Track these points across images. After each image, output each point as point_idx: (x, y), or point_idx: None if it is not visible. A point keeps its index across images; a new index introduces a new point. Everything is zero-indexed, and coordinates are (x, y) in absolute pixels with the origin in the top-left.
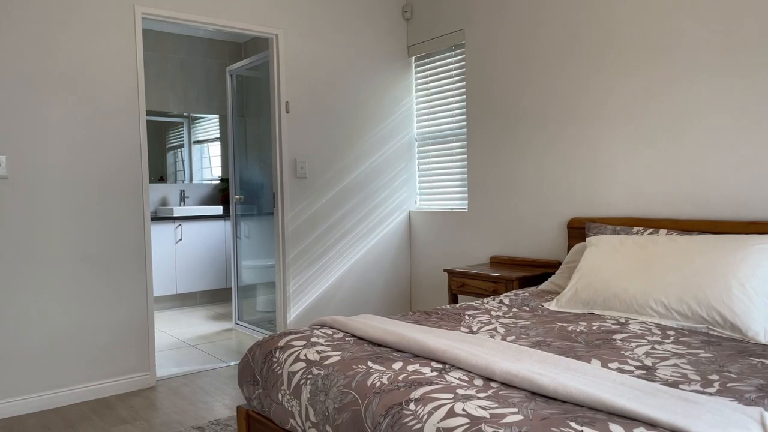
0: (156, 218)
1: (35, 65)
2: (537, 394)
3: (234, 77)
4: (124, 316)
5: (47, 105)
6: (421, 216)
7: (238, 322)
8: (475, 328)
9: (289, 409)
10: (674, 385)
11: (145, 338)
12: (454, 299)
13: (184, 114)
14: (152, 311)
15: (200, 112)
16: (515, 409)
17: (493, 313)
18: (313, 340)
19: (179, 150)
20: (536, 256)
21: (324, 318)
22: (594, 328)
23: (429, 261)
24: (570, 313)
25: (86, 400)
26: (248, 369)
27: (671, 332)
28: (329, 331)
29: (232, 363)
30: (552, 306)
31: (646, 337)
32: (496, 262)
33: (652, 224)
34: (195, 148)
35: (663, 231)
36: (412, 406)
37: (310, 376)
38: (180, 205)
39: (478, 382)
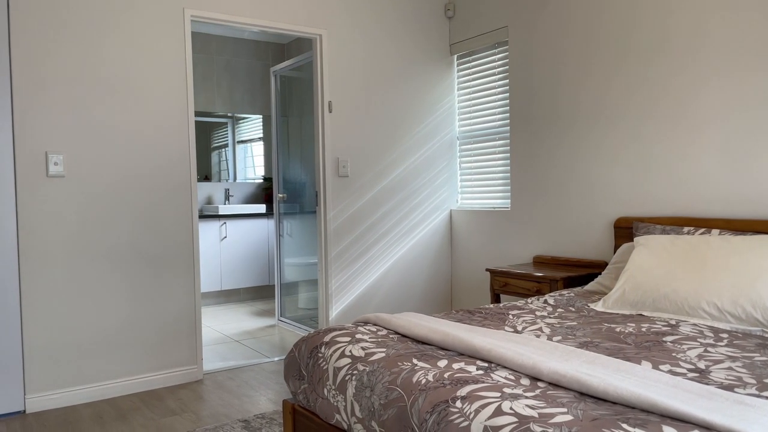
0: (202, 216)
1: (90, 67)
2: (586, 394)
3: (278, 77)
4: (173, 311)
5: (101, 106)
6: (463, 215)
7: (281, 318)
8: (519, 328)
9: (335, 404)
10: (729, 388)
11: (192, 333)
12: (496, 299)
13: (229, 114)
14: (200, 307)
15: (244, 112)
16: (564, 410)
17: (537, 313)
18: (358, 336)
19: (224, 150)
20: (581, 256)
21: (367, 315)
22: (643, 329)
23: (470, 260)
24: (617, 314)
25: (137, 391)
26: (294, 364)
27: (724, 335)
28: (373, 328)
29: (276, 358)
30: (599, 307)
31: (699, 340)
32: (540, 262)
33: (704, 224)
34: (239, 147)
35: (715, 231)
36: (458, 403)
37: (355, 371)
38: (225, 204)
39: (525, 381)
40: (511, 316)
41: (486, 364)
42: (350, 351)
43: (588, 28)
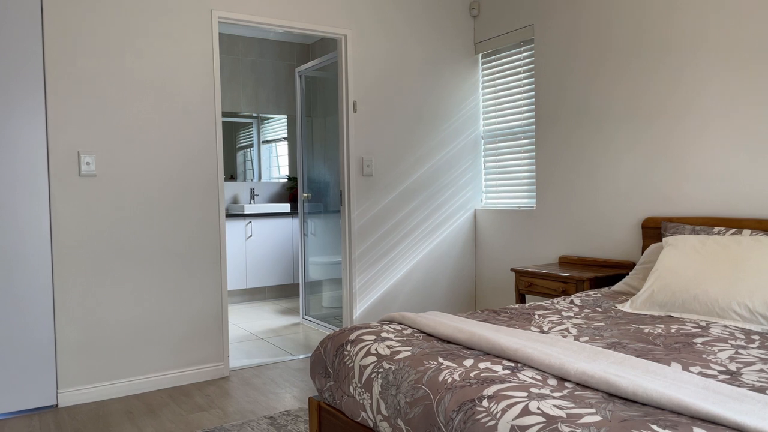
0: (228, 215)
1: (120, 69)
2: (614, 395)
3: (303, 78)
4: (200, 308)
5: (131, 106)
6: (487, 214)
7: (306, 316)
8: (546, 328)
9: (361, 401)
10: (761, 390)
11: (219, 330)
12: (521, 299)
13: (254, 114)
14: (226, 304)
15: (269, 112)
16: (593, 410)
17: (564, 313)
18: (383, 335)
19: (248, 149)
20: (608, 257)
21: (392, 314)
22: (672, 331)
23: (495, 260)
24: (646, 315)
25: (165, 387)
26: (320, 361)
27: (756, 336)
28: (398, 327)
29: (301, 356)
30: (626, 307)
31: (729, 342)
32: (566, 262)
33: (735, 224)
34: (263, 147)
35: (746, 231)
36: (485, 402)
37: (381, 370)
38: (250, 203)
39: (552, 381)
40: (536, 317)
41: (512, 364)
42: (376, 349)
43: (616, 25)
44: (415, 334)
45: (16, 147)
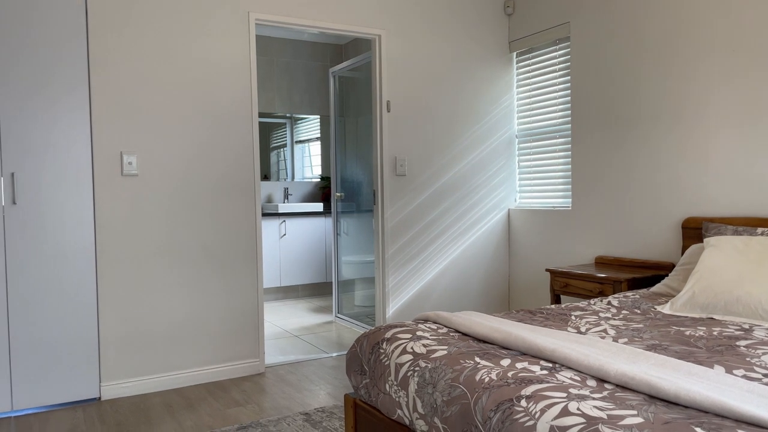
0: (262, 214)
1: (160, 71)
2: (655, 397)
3: (336, 78)
4: (237, 306)
5: (171, 108)
6: (521, 214)
7: (338, 315)
8: (583, 329)
9: (397, 399)
10: None
11: (255, 327)
12: (556, 300)
13: (287, 115)
14: (262, 302)
15: (303, 113)
16: (634, 412)
17: (601, 314)
18: (419, 333)
19: (282, 150)
20: (646, 258)
21: (427, 313)
22: (715, 333)
23: (529, 260)
24: (686, 317)
25: (203, 382)
26: (356, 359)
27: None
28: (433, 326)
29: (334, 354)
30: (666, 309)
31: None
32: (602, 262)
33: None
34: (296, 147)
35: None
36: (523, 402)
37: (417, 368)
38: (284, 203)
39: (591, 382)
40: (573, 317)
41: (550, 365)
42: (412, 348)
43: (655, 22)
44: (451, 334)
45: (62, 148)
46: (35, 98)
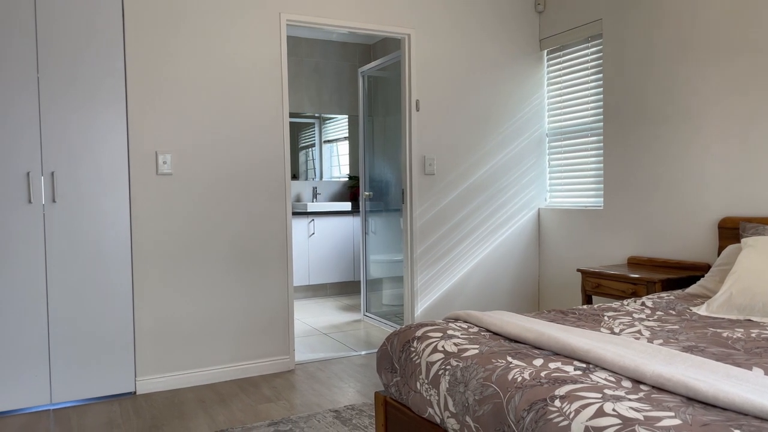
0: (292, 213)
1: (194, 72)
2: (693, 399)
3: (365, 78)
4: (267, 303)
5: (205, 107)
6: (552, 213)
7: (366, 314)
8: (617, 330)
9: (428, 398)
10: None
11: (285, 325)
12: (588, 301)
13: (316, 114)
14: (292, 300)
15: (331, 112)
16: (671, 413)
17: (635, 315)
18: (450, 332)
19: (310, 149)
20: (680, 258)
21: (458, 312)
22: (753, 335)
23: (559, 260)
24: (723, 318)
25: (234, 378)
26: (386, 357)
27: None
28: (464, 325)
29: (363, 352)
30: (702, 311)
31: None
32: (635, 263)
33: None
34: (325, 147)
35: None
36: (557, 402)
37: (448, 367)
38: (312, 202)
39: (626, 383)
40: (606, 318)
41: (584, 365)
42: (443, 346)
43: (690, 18)
44: (482, 333)
45: (100, 148)
46: (74, 99)
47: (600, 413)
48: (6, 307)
